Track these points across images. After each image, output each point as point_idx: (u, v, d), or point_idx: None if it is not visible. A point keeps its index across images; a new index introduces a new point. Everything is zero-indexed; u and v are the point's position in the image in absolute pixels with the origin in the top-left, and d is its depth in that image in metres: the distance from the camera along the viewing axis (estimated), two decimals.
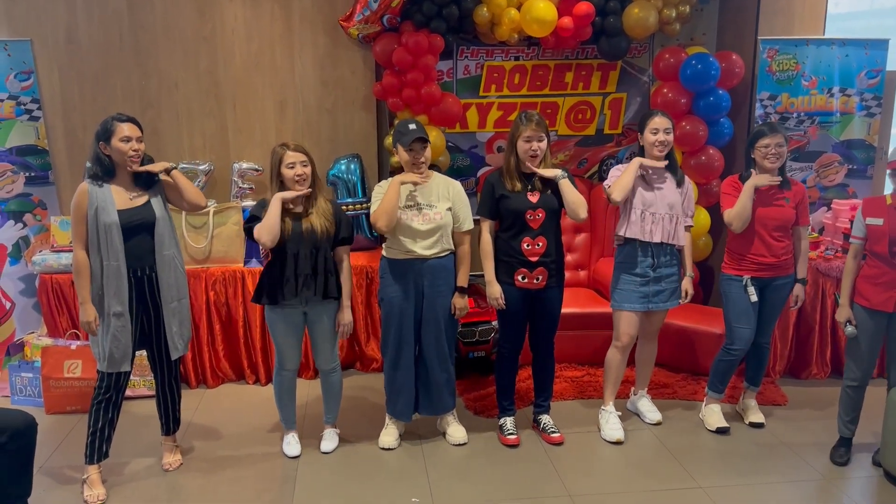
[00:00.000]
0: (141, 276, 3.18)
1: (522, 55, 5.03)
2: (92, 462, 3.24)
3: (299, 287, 3.33)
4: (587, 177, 5.26)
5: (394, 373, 3.60)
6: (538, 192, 3.48)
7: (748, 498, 3.21)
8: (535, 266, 3.48)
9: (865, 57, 4.78)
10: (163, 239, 3.21)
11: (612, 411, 3.82)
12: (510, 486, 3.31)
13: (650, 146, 3.59)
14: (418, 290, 3.50)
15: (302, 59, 4.81)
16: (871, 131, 4.86)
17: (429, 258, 3.47)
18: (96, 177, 3.12)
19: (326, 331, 3.49)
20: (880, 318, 3.38)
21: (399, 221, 3.42)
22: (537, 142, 3.43)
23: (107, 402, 3.20)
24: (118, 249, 3.10)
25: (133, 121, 3.14)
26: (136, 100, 4.71)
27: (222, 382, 4.53)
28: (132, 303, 3.17)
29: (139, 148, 3.13)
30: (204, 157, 4.81)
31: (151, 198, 3.22)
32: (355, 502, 3.20)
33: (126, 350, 3.15)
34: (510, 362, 3.71)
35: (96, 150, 3.11)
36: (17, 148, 4.58)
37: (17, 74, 4.52)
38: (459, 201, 3.52)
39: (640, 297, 3.65)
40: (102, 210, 3.08)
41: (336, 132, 4.94)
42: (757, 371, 3.89)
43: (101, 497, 3.20)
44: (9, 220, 4.59)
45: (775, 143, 3.54)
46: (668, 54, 4.76)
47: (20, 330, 4.61)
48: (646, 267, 3.63)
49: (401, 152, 3.43)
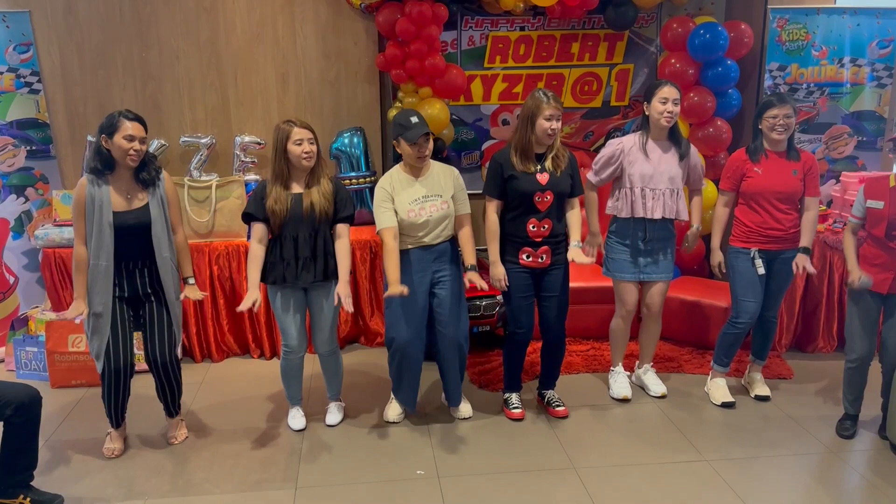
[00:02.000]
0: (133, 270, 3.22)
1: (528, 25, 4.95)
2: (111, 426, 3.42)
3: (299, 270, 3.33)
4: (593, 149, 5.20)
5: (400, 363, 3.53)
6: (548, 173, 3.42)
7: (754, 471, 3.20)
8: (539, 245, 3.45)
9: (877, 26, 4.69)
10: (160, 241, 3.22)
11: (621, 371, 3.92)
12: (515, 459, 3.31)
13: (658, 116, 3.54)
14: (428, 277, 3.44)
15: (304, 29, 4.75)
16: (881, 102, 4.79)
17: (436, 245, 3.44)
18: (96, 171, 3.11)
19: (326, 315, 3.45)
20: (875, 298, 3.36)
21: (408, 218, 3.36)
22: (556, 121, 3.36)
23: (115, 384, 3.26)
24: (109, 251, 3.12)
25: (140, 120, 3.13)
26: (136, 72, 4.65)
27: (227, 357, 4.53)
28: (123, 294, 3.21)
29: (141, 149, 3.11)
30: (206, 130, 4.77)
31: (150, 199, 3.21)
32: (360, 475, 3.20)
33: (101, 346, 3.19)
34: (520, 345, 3.64)
35: (98, 143, 3.09)
36: (18, 121, 4.54)
37: (16, 46, 4.47)
38: (459, 188, 3.49)
39: (632, 266, 3.67)
40: (99, 209, 3.09)
41: (339, 105, 4.88)
42: (763, 345, 3.87)
43: (115, 452, 3.37)
44: (11, 195, 4.57)
45: (783, 115, 3.49)
46: (676, 24, 4.68)
47: (24, 304, 4.61)
48: (637, 240, 3.63)
49: (403, 146, 3.33)
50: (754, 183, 3.57)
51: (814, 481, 3.13)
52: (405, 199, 3.37)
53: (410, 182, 3.40)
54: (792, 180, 3.55)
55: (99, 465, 3.31)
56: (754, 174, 3.57)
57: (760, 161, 3.58)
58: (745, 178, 3.60)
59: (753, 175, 3.57)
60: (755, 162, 3.58)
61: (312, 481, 3.16)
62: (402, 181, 3.41)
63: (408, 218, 3.36)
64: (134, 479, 3.19)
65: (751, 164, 3.59)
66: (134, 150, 3.08)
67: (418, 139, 3.29)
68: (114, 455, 3.36)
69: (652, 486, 3.10)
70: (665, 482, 3.13)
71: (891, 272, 3.29)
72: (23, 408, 2.80)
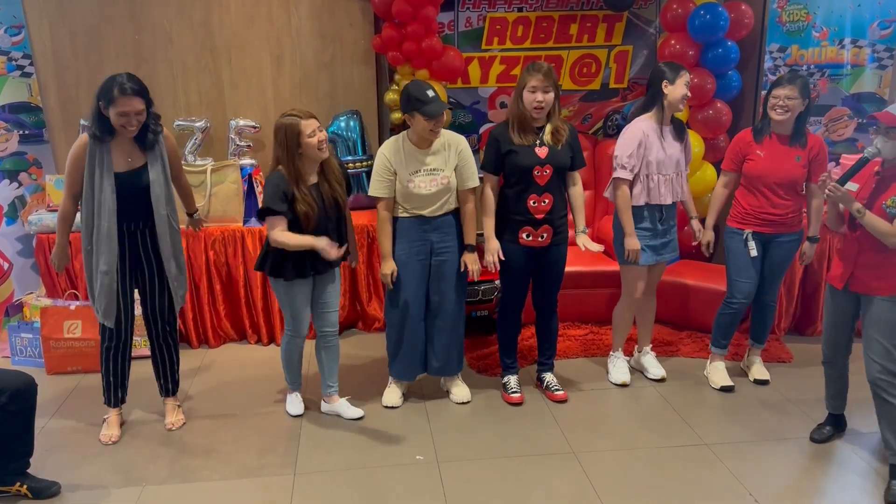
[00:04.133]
0: (134, 231, 3.21)
1: (526, 6, 4.89)
2: (109, 405, 3.40)
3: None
4: (591, 133, 5.16)
5: (399, 332, 3.56)
6: (546, 146, 3.38)
7: (753, 455, 3.20)
8: (540, 224, 3.42)
9: (878, 7, 4.65)
10: (159, 199, 3.21)
11: (620, 356, 3.91)
12: (514, 444, 3.31)
13: (678, 100, 3.46)
14: (426, 248, 3.44)
15: (298, 10, 4.68)
16: (882, 84, 4.76)
17: (435, 217, 3.41)
18: (96, 137, 3.07)
19: (332, 294, 3.44)
20: (848, 297, 3.05)
21: (406, 189, 3.34)
22: (542, 93, 3.29)
23: (114, 350, 3.30)
24: (111, 210, 3.11)
25: (137, 92, 3.01)
26: (129, 55, 4.59)
27: (224, 342, 4.51)
28: (125, 258, 3.21)
29: (138, 121, 3.06)
30: (200, 113, 4.71)
31: (150, 158, 3.19)
32: (359, 460, 3.19)
33: (111, 303, 3.19)
34: (513, 320, 3.68)
35: (96, 107, 3.05)
36: (10, 105, 4.48)
37: (7, 29, 4.40)
38: (465, 159, 3.41)
39: (650, 250, 3.62)
40: (99, 170, 3.08)
41: (335, 87, 4.83)
42: (762, 329, 3.86)
43: (113, 438, 3.35)
44: (4, 179, 4.52)
45: (785, 95, 3.38)
46: (676, 5, 4.62)
47: (18, 290, 4.58)
48: (654, 221, 3.60)
49: (419, 119, 3.22)
50: (755, 166, 3.52)
51: (813, 465, 3.13)
52: (406, 170, 3.34)
53: (414, 153, 3.35)
54: (794, 167, 3.47)
55: (96, 451, 3.29)
56: (756, 157, 3.52)
57: (764, 143, 3.51)
58: (747, 159, 3.55)
59: (755, 158, 3.52)
60: (759, 143, 3.52)
61: (311, 467, 3.15)
62: (406, 150, 3.36)
63: (406, 188, 3.34)
64: (131, 465, 3.18)
65: (755, 145, 3.53)
66: (130, 126, 3.04)
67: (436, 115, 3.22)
68: (111, 441, 3.34)
69: (651, 470, 3.10)
70: (664, 466, 3.12)
71: (849, 266, 3.00)
72: (18, 395, 2.79)
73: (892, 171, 2.89)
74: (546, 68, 3.30)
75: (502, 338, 3.75)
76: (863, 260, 2.95)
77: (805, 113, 3.46)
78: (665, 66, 3.52)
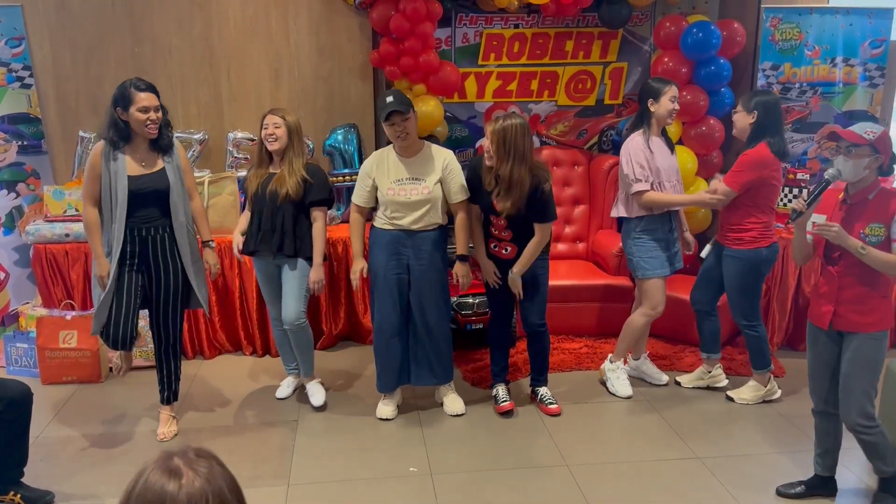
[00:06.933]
0: (145, 236, 3.24)
1: (522, 23, 4.95)
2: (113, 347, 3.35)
3: (259, 241, 3.55)
4: (587, 148, 5.21)
5: (378, 345, 3.60)
6: (500, 204, 3.36)
7: (746, 469, 3.22)
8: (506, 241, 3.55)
9: (869, 26, 4.71)
10: (177, 207, 3.28)
11: (621, 366, 3.94)
12: (508, 456, 3.32)
13: (667, 114, 3.59)
14: (402, 262, 3.49)
15: (297, 25, 4.73)
16: (873, 102, 4.81)
17: (415, 231, 3.45)
18: (113, 142, 3.15)
19: (289, 288, 3.58)
20: (831, 338, 2.79)
21: (387, 195, 3.41)
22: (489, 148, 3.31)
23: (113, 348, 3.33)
24: (122, 216, 3.16)
25: (151, 89, 3.17)
26: (129, 67, 4.62)
27: (219, 353, 4.52)
28: (135, 259, 3.23)
29: (157, 117, 3.16)
30: (198, 125, 4.74)
31: (167, 165, 3.26)
32: (353, 472, 3.20)
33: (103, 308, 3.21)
34: (501, 329, 3.74)
35: (113, 115, 3.14)
36: (9, 116, 4.51)
37: (7, 41, 4.44)
38: (451, 173, 3.47)
39: (667, 261, 3.72)
40: (115, 176, 3.15)
41: (332, 101, 4.87)
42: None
43: (122, 371, 3.43)
44: (2, 190, 4.54)
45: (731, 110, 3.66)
46: (670, 23, 4.68)
47: (15, 300, 4.58)
48: (667, 231, 3.69)
49: (384, 126, 3.41)
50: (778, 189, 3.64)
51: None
52: (387, 178, 3.45)
53: (397, 162, 3.47)
54: None
55: (90, 462, 3.29)
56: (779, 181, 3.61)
57: None
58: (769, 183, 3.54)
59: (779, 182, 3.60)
60: None
61: (305, 478, 3.16)
62: (391, 160, 3.48)
63: (386, 196, 3.43)
64: (124, 475, 3.12)
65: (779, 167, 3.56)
66: (150, 120, 3.14)
67: (390, 117, 3.32)
68: (119, 373, 3.43)
69: (644, 483, 3.11)
70: (657, 479, 3.14)
71: (831, 304, 2.75)
72: (14, 404, 2.79)
73: (859, 196, 2.68)
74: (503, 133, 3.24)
75: (491, 347, 3.80)
76: (846, 296, 2.71)
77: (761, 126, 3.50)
78: (651, 83, 3.65)
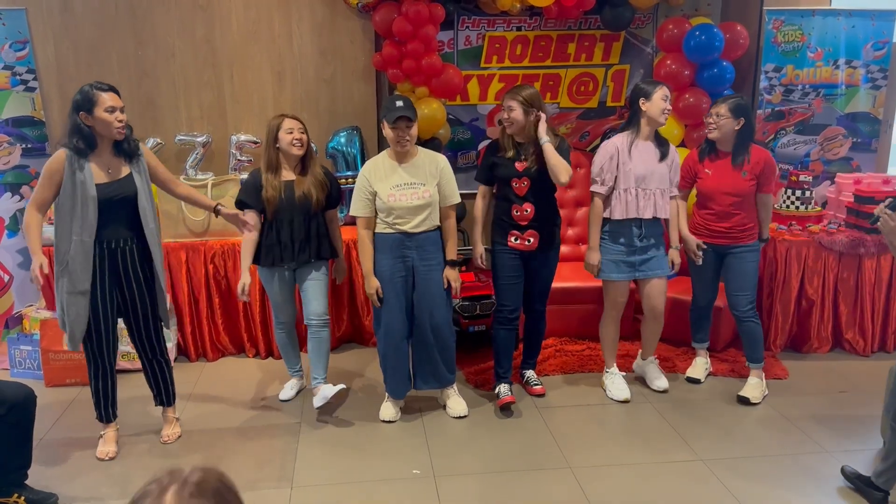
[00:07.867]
0: (115, 249, 3.14)
1: (524, 25, 4.96)
2: (102, 421, 3.37)
3: (296, 251, 3.52)
4: (589, 150, 5.20)
5: (385, 349, 3.58)
6: (526, 161, 3.54)
7: (749, 471, 3.21)
8: (525, 228, 3.58)
9: (872, 28, 4.71)
10: (146, 212, 3.18)
11: (616, 373, 3.93)
12: (511, 458, 3.32)
13: (659, 114, 3.58)
14: (408, 264, 3.49)
15: (300, 27, 4.74)
16: (876, 104, 4.81)
17: (417, 233, 3.47)
18: (78, 150, 3.03)
19: (319, 286, 3.60)
20: None
21: (388, 201, 3.42)
22: (508, 112, 3.50)
23: (95, 369, 3.25)
24: (91, 225, 3.05)
25: (113, 89, 3.09)
26: (132, 69, 4.64)
27: (222, 356, 4.52)
28: (105, 275, 3.13)
29: (124, 118, 3.08)
30: (201, 128, 4.75)
31: (133, 170, 3.16)
32: (356, 474, 3.20)
33: (81, 328, 3.11)
34: (506, 322, 3.73)
35: (76, 120, 3.02)
36: (14, 119, 4.52)
37: (12, 44, 4.45)
38: (445, 177, 3.52)
39: (626, 266, 3.70)
40: (81, 185, 3.02)
41: (335, 103, 4.88)
42: (748, 346, 3.88)
43: (109, 454, 3.32)
44: (6, 193, 4.55)
45: (715, 113, 3.67)
46: (672, 25, 4.69)
47: (18, 303, 4.60)
48: (633, 237, 3.67)
49: (386, 128, 3.41)
50: (704, 184, 3.82)
51: (808, 481, 3.14)
52: (386, 185, 3.44)
53: (394, 168, 3.47)
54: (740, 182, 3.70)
55: (93, 464, 3.30)
56: (704, 175, 3.81)
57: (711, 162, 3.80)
58: (697, 178, 3.83)
59: (704, 176, 3.81)
60: (703, 162, 3.83)
61: (308, 480, 3.16)
62: (386, 166, 3.48)
63: (387, 202, 3.42)
64: (128, 478, 3.18)
65: (699, 164, 3.83)
66: (118, 120, 3.04)
67: (397, 122, 3.34)
68: (108, 458, 3.31)
69: (647, 485, 3.11)
70: (660, 482, 3.13)
71: None
72: (17, 406, 2.80)
73: None
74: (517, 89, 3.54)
75: (495, 342, 3.80)
76: None
77: (745, 132, 3.65)
78: (642, 84, 3.67)
